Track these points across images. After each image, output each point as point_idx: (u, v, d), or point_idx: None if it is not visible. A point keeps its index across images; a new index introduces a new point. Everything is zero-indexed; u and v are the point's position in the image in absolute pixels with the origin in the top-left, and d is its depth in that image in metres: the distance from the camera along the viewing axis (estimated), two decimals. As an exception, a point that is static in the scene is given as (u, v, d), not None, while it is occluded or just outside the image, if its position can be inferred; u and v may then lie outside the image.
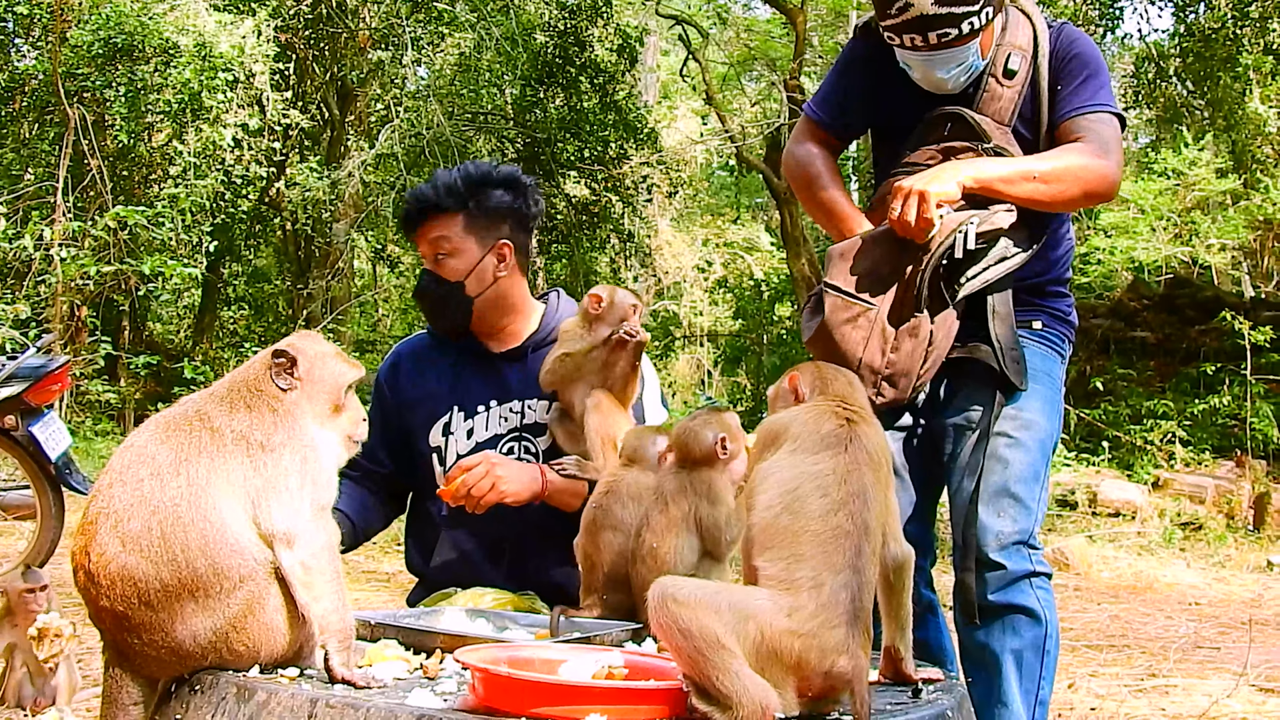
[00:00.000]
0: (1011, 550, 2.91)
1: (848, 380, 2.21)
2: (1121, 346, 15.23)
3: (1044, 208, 3.01)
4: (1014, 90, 3.07)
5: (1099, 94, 3.05)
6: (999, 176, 2.93)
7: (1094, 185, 2.99)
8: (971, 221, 2.88)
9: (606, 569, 2.61)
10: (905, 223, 2.87)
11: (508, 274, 3.27)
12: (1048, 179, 2.93)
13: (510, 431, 3.26)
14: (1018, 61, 3.06)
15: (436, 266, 3.25)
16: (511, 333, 3.34)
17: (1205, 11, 14.15)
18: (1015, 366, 2.99)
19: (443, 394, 3.31)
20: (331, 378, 2.22)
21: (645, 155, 16.80)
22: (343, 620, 2.02)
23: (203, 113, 12.45)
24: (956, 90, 3.08)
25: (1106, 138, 3.01)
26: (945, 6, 2.85)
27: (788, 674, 1.82)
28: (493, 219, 3.26)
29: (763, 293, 22.05)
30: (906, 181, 2.90)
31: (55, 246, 11.19)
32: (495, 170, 3.33)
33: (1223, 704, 5.19)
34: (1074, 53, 3.08)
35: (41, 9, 12.72)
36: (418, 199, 3.28)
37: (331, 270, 16.02)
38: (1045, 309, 3.21)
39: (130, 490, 1.98)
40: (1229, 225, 18.29)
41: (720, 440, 2.50)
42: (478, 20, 14.78)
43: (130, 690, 2.03)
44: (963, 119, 3.07)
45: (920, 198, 2.84)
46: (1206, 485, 11.59)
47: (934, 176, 2.90)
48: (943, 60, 2.98)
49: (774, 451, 2.04)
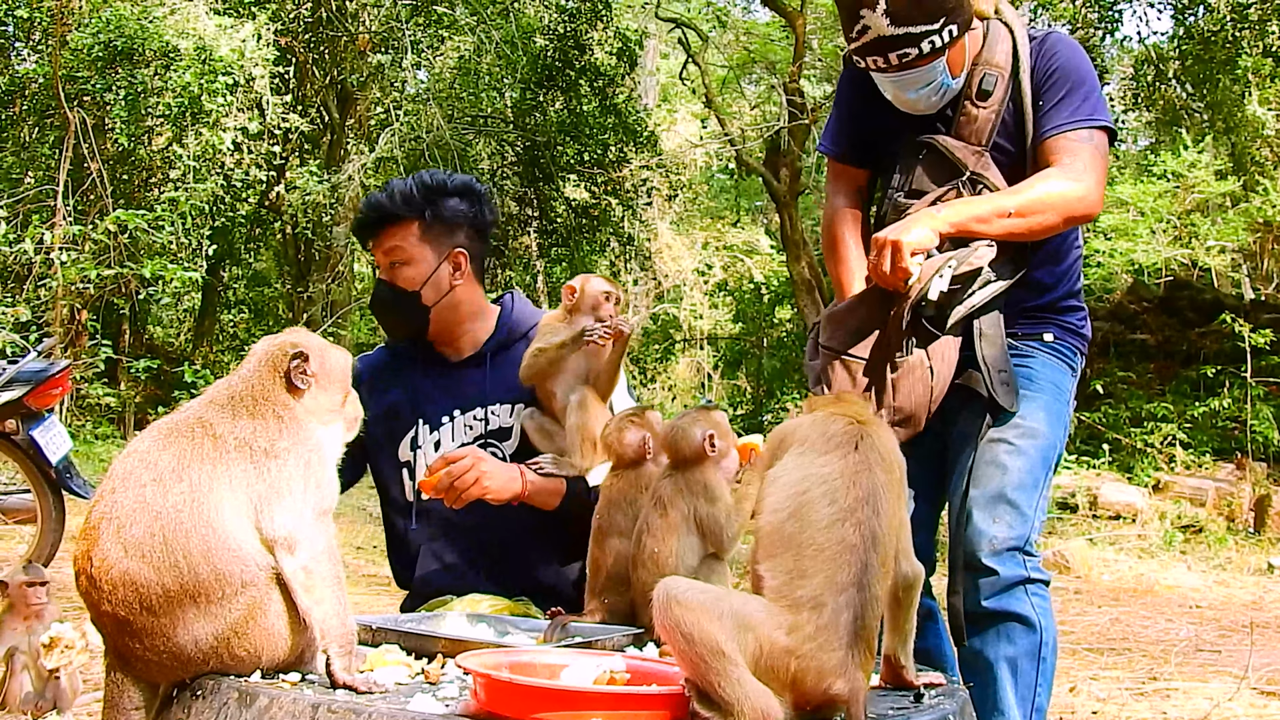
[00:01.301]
0: (1005, 556, 2.89)
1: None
2: (1122, 349, 15.24)
3: (1025, 239, 3.00)
4: (990, 111, 3.05)
5: (1081, 108, 3.02)
6: (973, 217, 2.92)
7: (1072, 210, 2.97)
8: (950, 264, 2.87)
9: (610, 573, 2.61)
10: (882, 274, 2.87)
11: (464, 282, 3.28)
12: (1024, 212, 2.92)
13: (476, 439, 3.25)
14: (992, 82, 3.04)
15: (392, 275, 3.25)
16: (470, 340, 3.34)
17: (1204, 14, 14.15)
18: (1004, 390, 2.98)
19: (404, 408, 3.31)
20: (339, 368, 2.24)
21: (645, 158, 16.80)
22: (344, 625, 2.02)
23: (203, 116, 12.45)
24: (931, 110, 3.07)
25: (1085, 156, 2.98)
26: (902, 27, 2.84)
27: (784, 689, 1.82)
28: (448, 227, 3.26)
29: (763, 296, 22.04)
30: (882, 233, 2.90)
31: (55, 250, 11.20)
32: (450, 179, 3.33)
33: (1224, 707, 5.19)
34: (1054, 66, 3.05)
35: (42, 13, 12.72)
36: (373, 207, 3.28)
37: (331, 273, 16.01)
38: (1056, 322, 3.20)
39: (133, 496, 1.98)
40: (1229, 227, 18.31)
41: (709, 437, 2.51)
42: (477, 24, 14.79)
43: (131, 695, 2.03)
44: (935, 148, 3.07)
45: (895, 248, 2.83)
46: (1207, 488, 11.59)
47: (907, 226, 2.88)
48: (910, 81, 2.97)
49: (782, 455, 2.04)
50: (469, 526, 3.10)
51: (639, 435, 2.68)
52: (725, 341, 23.38)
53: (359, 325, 18.73)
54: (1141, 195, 18.49)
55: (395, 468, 3.32)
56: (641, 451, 2.67)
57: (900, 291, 2.89)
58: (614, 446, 2.73)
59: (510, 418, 3.24)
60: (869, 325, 2.99)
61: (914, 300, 2.88)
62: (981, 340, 2.99)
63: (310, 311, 15.48)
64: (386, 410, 3.30)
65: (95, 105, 12.97)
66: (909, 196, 3.10)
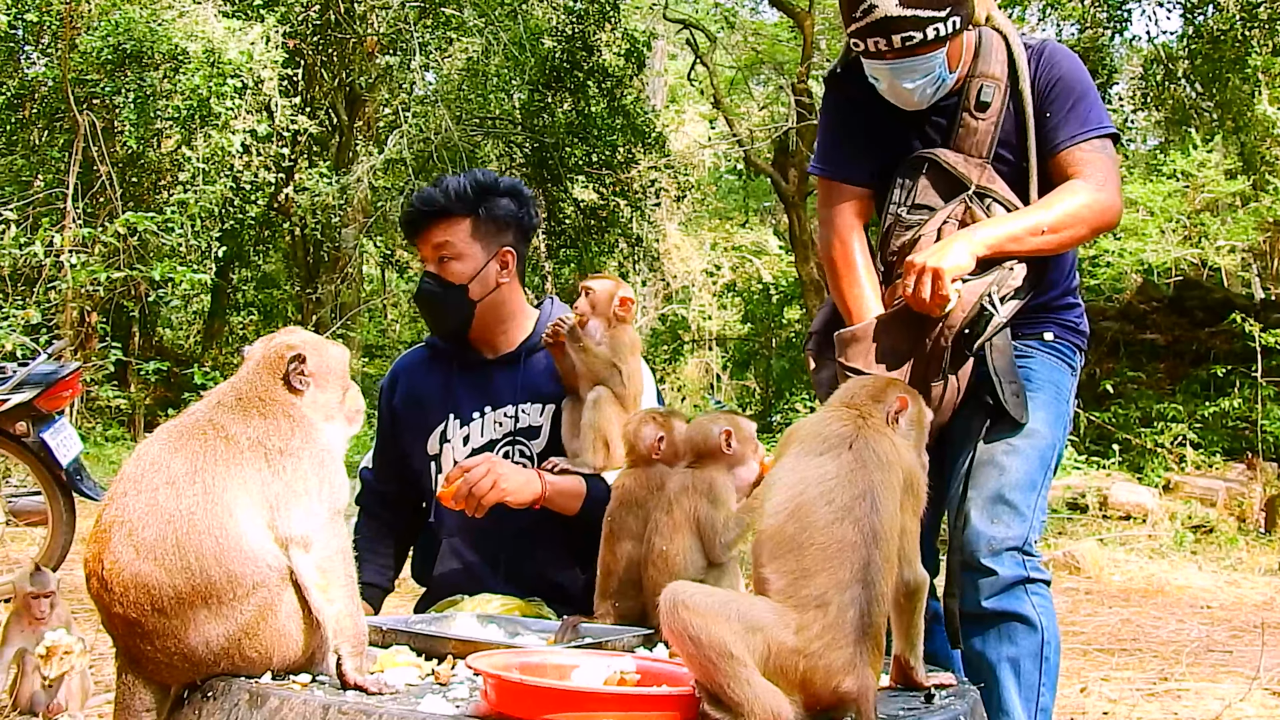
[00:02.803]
0: (1004, 556, 2.88)
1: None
2: (1131, 349, 15.19)
3: (1052, 254, 3.00)
4: (989, 122, 3.04)
5: (1089, 117, 3.02)
6: (1008, 236, 2.91)
7: (1100, 221, 2.99)
8: (993, 290, 2.88)
9: (621, 575, 2.62)
10: (921, 300, 2.85)
11: (509, 281, 3.34)
12: (1057, 228, 2.92)
13: (505, 436, 3.30)
14: (990, 93, 3.03)
15: (441, 269, 3.29)
16: (506, 340, 3.39)
17: (1214, 13, 14.11)
18: (1015, 400, 2.97)
19: (436, 403, 3.36)
20: (337, 363, 2.24)
21: (653, 159, 16.80)
22: (356, 625, 2.03)
23: (211, 119, 12.47)
24: (924, 105, 3.04)
25: (1103, 167, 2.99)
26: (910, 9, 2.82)
27: (793, 689, 1.82)
28: (498, 226, 3.32)
29: (771, 297, 22.03)
30: (919, 258, 2.88)
31: (65, 253, 11.23)
32: (501, 180, 3.39)
33: (1236, 708, 5.17)
34: (1058, 76, 3.04)
35: (51, 16, 12.75)
36: (426, 201, 3.32)
37: (340, 275, 16.03)
38: (1055, 321, 3.19)
39: (145, 499, 1.98)
40: (1238, 227, 18.25)
41: (725, 434, 2.51)
42: (485, 25, 14.79)
43: (143, 696, 2.04)
44: (937, 163, 3.06)
45: (935, 275, 2.82)
46: (1218, 488, 11.54)
47: (945, 251, 2.87)
48: (908, 69, 2.94)
49: (783, 456, 2.04)
50: (489, 527, 3.12)
51: (655, 432, 2.70)
52: (734, 342, 23.36)
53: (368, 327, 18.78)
54: (1151, 195, 18.43)
55: (424, 460, 3.37)
56: (654, 448, 2.68)
57: (936, 316, 2.88)
58: (629, 438, 2.75)
59: (540, 417, 3.30)
60: (898, 346, 2.98)
61: (960, 328, 2.88)
62: (993, 352, 2.98)
63: (319, 313, 15.50)
64: (419, 403, 3.38)
65: (104, 108, 13.01)
66: (913, 212, 3.08)
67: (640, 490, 2.67)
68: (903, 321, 2.98)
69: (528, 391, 3.30)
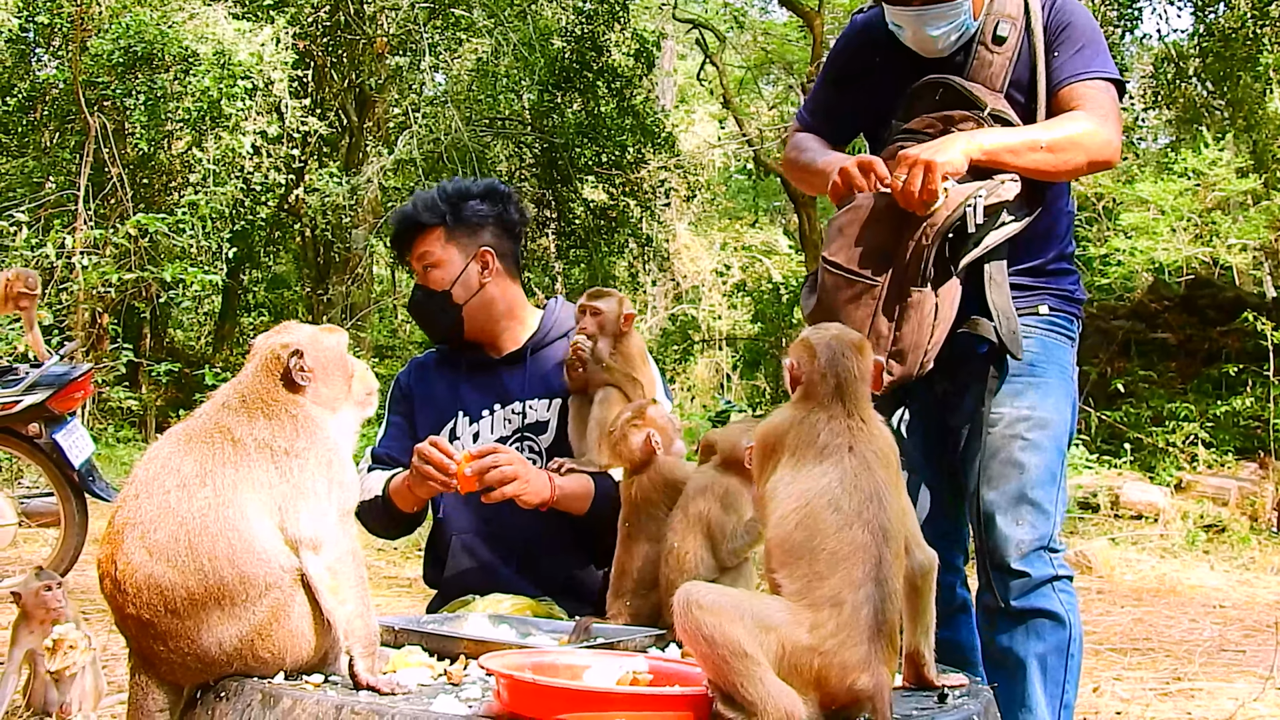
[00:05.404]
0: (1033, 557, 2.90)
1: (848, 356, 2.06)
2: (1142, 348, 15.14)
3: (1048, 178, 2.96)
4: (1004, 57, 3.02)
5: (1095, 60, 3.01)
6: (1005, 147, 2.88)
7: (1098, 153, 2.95)
8: (980, 194, 2.80)
9: (636, 576, 2.62)
10: (910, 193, 2.78)
11: (493, 279, 3.37)
12: (1054, 148, 2.89)
13: (514, 432, 3.33)
14: (1007, 29, 3.02)
15: (425, 279, 3.39)
16: (510, 339, 3.43)
17: (1225, 11, 14.08)
18: (1013, 336, 2.91)
19: (446, 402, 3.40)
20: (335, 352, 2.23)
21: (663, 159, 16.81)
22: (367, 626, 2.03)
23: (222, 120, 12.52)
24: (945, 53, 3.04)
25: (1106, 105, 2.98)
26: None
27: (808, 688, 1.81)
28: (471, 228, 3.38)
29: (781, 296, 21.99)
30: (912, 150, 2.82)
31: (77, 254, 11.28)
32: (474, 183, 3.47)
33: (1249, 707, 5.15)
34: (1068, 21, 3.04)
35: (62, 18, 12.80)
36: (400, 219, 3.44)
37: (350, 276, 16.07)
38: (1050, 290, 3.13)
39: (157, 501, 1.99)
40: (1250, 225, 18.15)
41: (748, 451, 2.50)
42: (495, 26, 14.82)
43: (155, 697, 2.04)
44: (952, 87, 3.02)
45: (926, 168, 2.75)
46: (1229, 487, 11.50)
47: (940, 147, 2.82)
48: (935, 16, 2.95)
49: (774, 465, 2.01)
50: (500, 525, 3.14)
51: (642, 435, 2.70)
52: (744, 342, 23.32)
53: (378, 327, 18.80)
54: (1162, 193, 18.33)
55: None
56: (649, 449, 2.69)
57: (921, 214, 2.81)
58: (623, 454, 2.74)
59: (547, 412, 3.33)
60: (881, 244, 2.89)
61: (942, 227, 2.81)
62: (991, 286, 2.93)
63: (330, 314, 15.54)
64: (430, 401, 3.42)
65: (115, 110, 13.06)
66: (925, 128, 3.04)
67: (650, 490, 2.68)
68: (888, 217, 2.88)
69: (535, 387, 3.34)
